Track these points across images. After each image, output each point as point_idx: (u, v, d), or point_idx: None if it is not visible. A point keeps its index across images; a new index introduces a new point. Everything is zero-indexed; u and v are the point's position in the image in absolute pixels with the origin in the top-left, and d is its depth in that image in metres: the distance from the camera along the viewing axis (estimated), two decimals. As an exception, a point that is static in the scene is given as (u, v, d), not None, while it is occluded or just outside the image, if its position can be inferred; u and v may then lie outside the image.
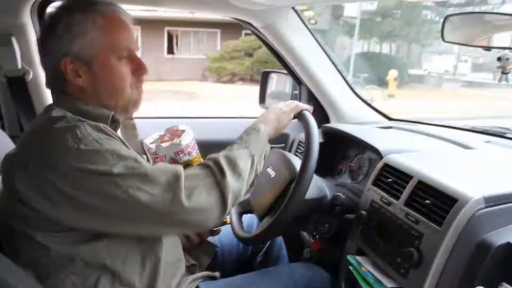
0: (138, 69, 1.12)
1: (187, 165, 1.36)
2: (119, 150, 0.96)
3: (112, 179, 0.92)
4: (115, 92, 1.09)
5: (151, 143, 1.40)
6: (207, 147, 1.97)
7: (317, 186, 1.39)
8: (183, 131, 1.43)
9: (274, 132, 1.25)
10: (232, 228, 1.49)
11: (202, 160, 1.38)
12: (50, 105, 1.09)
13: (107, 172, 0.92)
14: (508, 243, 0.97)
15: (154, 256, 1.08)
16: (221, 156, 1.07)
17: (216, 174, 1.02)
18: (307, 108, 1.34)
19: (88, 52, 1.03)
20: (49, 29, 1.04)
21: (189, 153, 1.39)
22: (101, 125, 1.00)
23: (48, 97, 1.70)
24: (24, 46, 1.66)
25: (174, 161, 1.36)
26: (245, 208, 1.56)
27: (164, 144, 1.36)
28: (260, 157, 1.16)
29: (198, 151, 1.43)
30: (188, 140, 1.39)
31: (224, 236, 1.57)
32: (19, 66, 1.66)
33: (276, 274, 1.37)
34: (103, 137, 0.96)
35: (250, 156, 1.12)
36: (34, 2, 1.65)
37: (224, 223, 1.48)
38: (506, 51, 1.35)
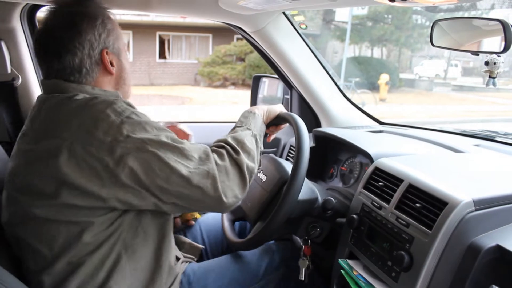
0: None
1: None
2: (155, 123, 1.05)
3: (156, 148, 1.00)
4: (129, 79, 1.25)
5: None
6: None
7: (310, 189, 1.39)
8: (189, 135, 1.54)
9: (265, 118, 1.37)
10: (225, 235, 1.49)
11: None
12: (50, 93, 1.09)
13: (152, 140, 1.00)
14: (497, 246, 0.98)
15: (165, 237, 1.16)
16: (229, 138, 1.18)
17: (232, 153, 1.14)
18: None
19: (117, 45, 1.18)
20: (88, 25, 1.11)
21: None
22: (129, 101, 1.08)
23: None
24: (13, 51, 1.65)
25: None
26: (237, 215, 1.56)
27: None
28: (260, 136, 1.29)
29: None
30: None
31: (207, 233, 1.64)
32: (9, 71, 1.64)
33: (254, 252, 1.46)
34: (137, 111, 1.04)
35: (253, 136, 1.24)
36: (24, 7, 1.64)
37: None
38: (494, 55, 1.37)
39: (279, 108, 1.42)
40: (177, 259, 1.34)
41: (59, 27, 1.09)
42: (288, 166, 1.37)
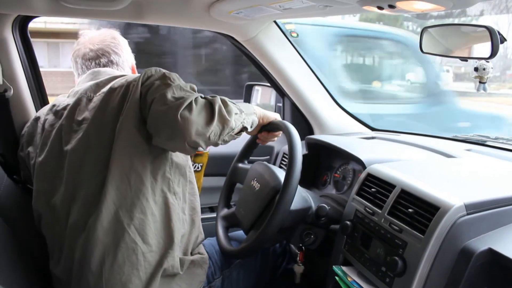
0: None
1: (197, 155, 1.61)
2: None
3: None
4: None
5: None
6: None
7: (302, 198, 1.39)
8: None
9: (261, 116, 1.41)
10: (218, 242, 1.49)
11: (206, 160, 1.68)
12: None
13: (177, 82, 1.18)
14: (489, 249, 0.99)
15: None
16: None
17: (207, 97, 1.19)
18: None
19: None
20: (123, 44, 1.52)
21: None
22: None
23: (30, 113, 1.69)
24: (5, 62, 1.65)
25: None
26: (231, 222, 1.55)
27: None
28: (247, 115, 1.30)
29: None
30: None
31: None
32: (0, 82, 1.63)
33: None
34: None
35: (239, 109, 1.26)
36: (16, 18, 1.64)
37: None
38: (483, 61, 1.38)
39: (274, 115, 1.45)
40: None
41: (107, 42, 1.47)
42: (281, 175, 1.37)
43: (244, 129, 1.30)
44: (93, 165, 1.19)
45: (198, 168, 1.61)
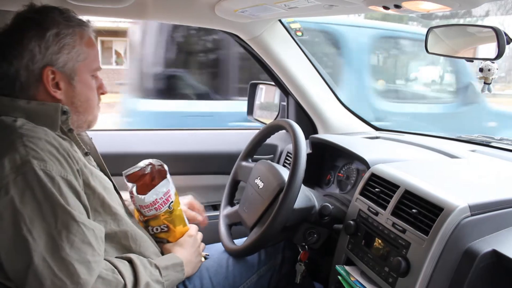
0: (101, 88, 1.15)
1: (153, 218, 1.28)
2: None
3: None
4: (88, 108, 1.12)
5: (128, 174, 1.32)
6: (195, 159, 1.96)
7: (306, 196, 1.40)
8: (161, 179, 1.30)
9: (189, 274, 1.26)
10: (221, 241, 1.49)
11: (171, 217, 1.28)
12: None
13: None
14: (493, 251, 0.99)
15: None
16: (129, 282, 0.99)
17: None
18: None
19: (72, 65, 1.04)
20: (35, 33, 0.98)
21: (156, 209, 1.26)
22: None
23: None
24: None
25: (139, 211, 1.28)
26: (233, 220, 1.56)
27: (134, 193, 1.27)
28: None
29: (172, 204, 1.29)
30: (155, 195, 1.25)
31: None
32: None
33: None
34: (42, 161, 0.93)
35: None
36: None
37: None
38: (488, 62, 1.38)
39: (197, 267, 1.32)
40: None
41: (4, 31, 1.01)
42: (285, 173, 1.37)
43: None
44: None
45: (164, 228, 1.30)
